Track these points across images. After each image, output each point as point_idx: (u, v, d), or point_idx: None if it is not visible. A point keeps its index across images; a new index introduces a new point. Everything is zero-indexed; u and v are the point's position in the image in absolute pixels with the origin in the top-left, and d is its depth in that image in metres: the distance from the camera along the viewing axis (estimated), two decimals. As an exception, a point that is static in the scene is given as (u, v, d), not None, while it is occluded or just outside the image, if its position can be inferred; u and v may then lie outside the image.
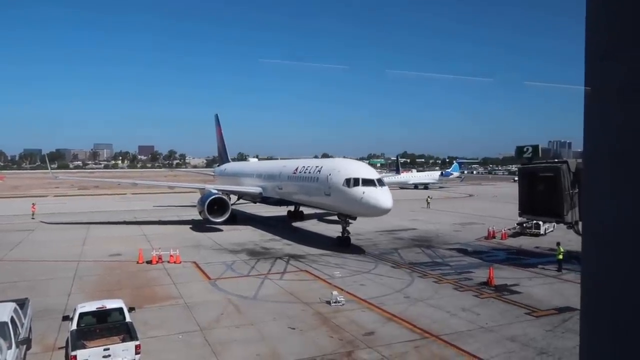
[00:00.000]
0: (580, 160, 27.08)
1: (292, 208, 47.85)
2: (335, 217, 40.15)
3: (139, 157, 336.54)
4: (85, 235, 38.82)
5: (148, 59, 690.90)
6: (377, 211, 29.83)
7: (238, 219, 44.19)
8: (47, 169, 73.88)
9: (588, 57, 1.91)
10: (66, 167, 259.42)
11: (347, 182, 30.30)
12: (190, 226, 42.92)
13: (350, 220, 32.81)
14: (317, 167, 35.71)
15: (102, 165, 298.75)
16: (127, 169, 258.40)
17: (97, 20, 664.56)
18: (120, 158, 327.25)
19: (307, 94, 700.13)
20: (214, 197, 40.54)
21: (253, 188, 46.89)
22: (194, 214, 47.51)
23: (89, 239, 36.86)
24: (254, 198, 48.38)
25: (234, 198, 46.97)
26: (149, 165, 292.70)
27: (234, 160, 75.15)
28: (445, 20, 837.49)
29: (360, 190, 29.54)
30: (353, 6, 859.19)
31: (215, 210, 40.10)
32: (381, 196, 29.33)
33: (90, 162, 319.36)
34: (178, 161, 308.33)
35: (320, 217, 47.46)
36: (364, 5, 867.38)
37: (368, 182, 29.93)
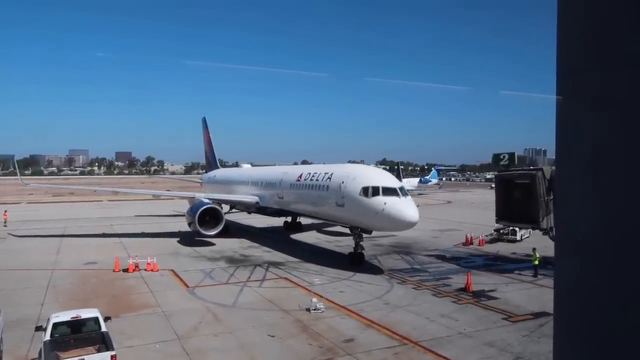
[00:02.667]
0: (554, 168, 27.65)
1: (289, 218, 44.81)
2: (337, 228, 38.01)
3: (116, 163, 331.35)
4: (59, 243, 37.98)
5: (126, 63, 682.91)
6: (401, 225, 26.38)
7: (230, 230, 40.84)
8: (18, 175, 71.69)
9: (559, 70, 1.98)
10: (40, 173, 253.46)
11: (365, 191, 26.72)
12: (177, 239, 40.12)
13: (366, 235, 29.36)
14: (326, 173, 31.90)
15: (78, 172, 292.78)
16: (104, 176, 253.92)
17: (72, 21, 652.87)
18: (97, 164, 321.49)
19: (286, 101, 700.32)
20: (206, 207, 36.86)
21: (248, 197, 43.26)
22: (175, 222, 46.87)
23: (64, 247, 36.07)
24: (249, 208, 44.65)
25: (225, 208, 43.76)
26: (126, 171, 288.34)
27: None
28: (423, 29, 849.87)
29: (380, 200, 25.94)
30: (332, 15, 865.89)
31: (207, 222, 36.47)
32: (406, 208, 25.79)
33: (65, 168, 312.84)
34: (156, 167, 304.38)
35: (319, 228, 44.61)
36: (342, 14, 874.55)
37: (389, 191, 26.42)
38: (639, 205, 1.71)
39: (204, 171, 74.97)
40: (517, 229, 36.94)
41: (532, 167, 31.39)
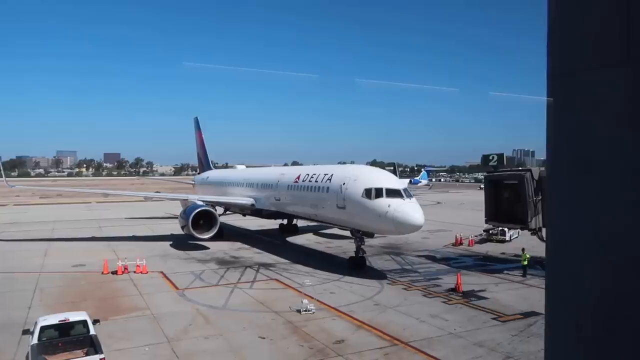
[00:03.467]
0: (543, 169, 27.96)
1: (284, 221, 43.96)
2: (335, 230, 37.20)
3: (105, 164, 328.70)
4: (47, 245, 37.56)
5: (112, 64, 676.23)
6: (406, 228, 25.31)
7: (224, 233, 39.70)
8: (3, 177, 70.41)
9: (550, 71, 1.99)
10: (27, 174, 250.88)
11: (368, 192, 25.74)
12: (170, 242, 39.25)
13: (365, 238, 28.70)
14: (326, 174, 30.80)
15: (66, 173, 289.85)
16: (92, 177, 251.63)
17: (61, 17, 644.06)
18: (85, 166, 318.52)
19: (275, 102, 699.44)
20: (199, 209, 35.43)
21: (243, 199, 41.99)
22: (166, 224, 46.43)
23: (51, 250, 35.68)
24: (244, 210, 43.49)
25: (219, 210, 42.93)
26: (115, 173, 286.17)
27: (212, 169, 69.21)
28: (413, 32, 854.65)
29: (384, 202, 24.98)
30: (323, 17, 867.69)
31: (201, 225, 35.24)
32: (411, 210, 24.81)
33: (52, 169, 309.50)
34: (145, 169, 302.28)
35: (315, 231, 43.93)
36: (333, 16, 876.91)
37: (393, 193, 25.41)
38: (630, 205, 1.73)
39: (195, 172, 73.97)
40: (506, 229, 37.24)
41: (520, 168, 31.63)
